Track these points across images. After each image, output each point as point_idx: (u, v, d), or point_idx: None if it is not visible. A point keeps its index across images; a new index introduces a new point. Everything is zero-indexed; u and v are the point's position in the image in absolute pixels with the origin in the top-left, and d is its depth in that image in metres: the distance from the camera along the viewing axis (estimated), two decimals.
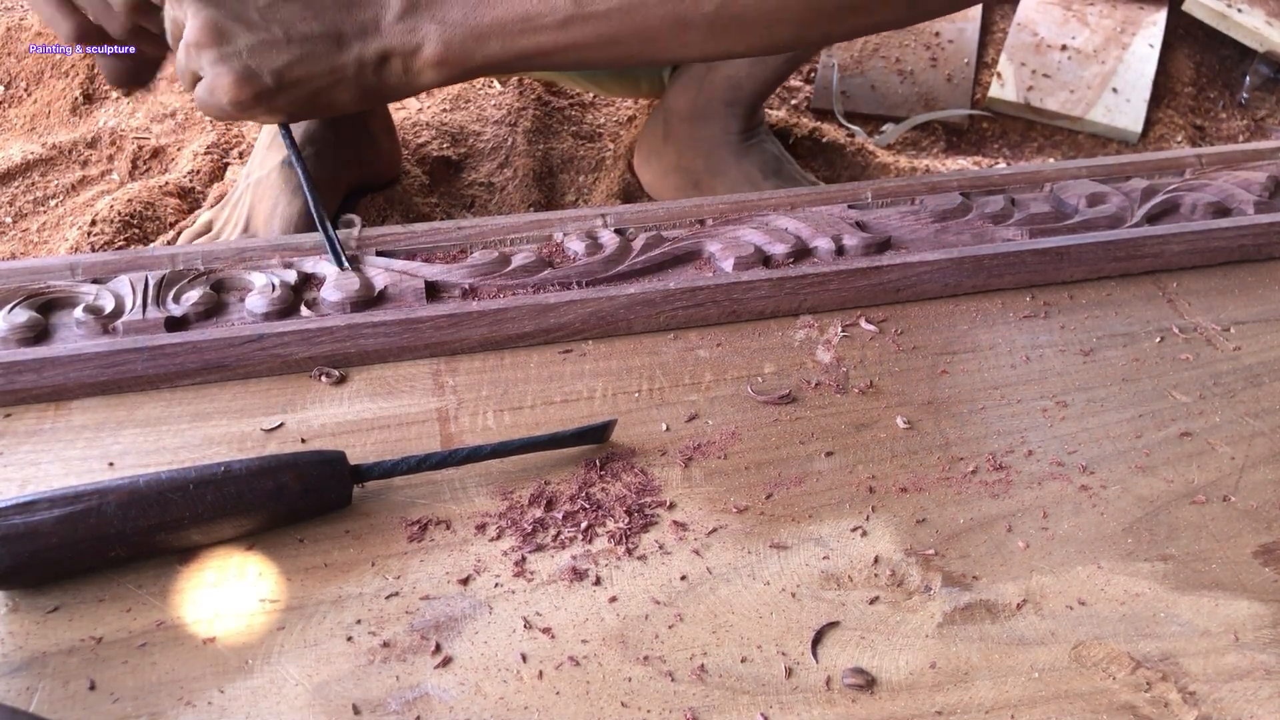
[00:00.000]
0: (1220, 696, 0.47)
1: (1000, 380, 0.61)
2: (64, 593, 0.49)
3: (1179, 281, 0.68)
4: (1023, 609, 0.50)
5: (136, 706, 0.45)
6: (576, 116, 1.25)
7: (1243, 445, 0.58)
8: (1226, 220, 0.68)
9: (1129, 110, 1.29)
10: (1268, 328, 0.65)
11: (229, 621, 0.48)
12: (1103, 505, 0.54)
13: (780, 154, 1.11)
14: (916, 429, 0.58)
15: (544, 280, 0.62)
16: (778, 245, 0.65)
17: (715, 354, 0.62)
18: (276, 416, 0.57)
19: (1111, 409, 0.59)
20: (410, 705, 0.45)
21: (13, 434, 0.56)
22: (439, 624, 0.49)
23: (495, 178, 1.15)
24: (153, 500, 0.48)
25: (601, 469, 0.55)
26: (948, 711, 0.46)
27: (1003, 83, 1.31)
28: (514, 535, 0.52)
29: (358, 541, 0.52)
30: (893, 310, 0.65)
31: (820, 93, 1.32)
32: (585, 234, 0.66)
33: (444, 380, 0.60)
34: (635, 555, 0.52)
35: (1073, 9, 1.42)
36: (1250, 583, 0.51)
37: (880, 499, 0.54)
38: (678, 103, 1.05)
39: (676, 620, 0.49)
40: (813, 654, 0.48)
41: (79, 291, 0.61)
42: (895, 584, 0.51)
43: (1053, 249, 0.66)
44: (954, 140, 1.29)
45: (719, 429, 0.58)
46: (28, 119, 1.21)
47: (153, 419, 0.57)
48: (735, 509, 0.54)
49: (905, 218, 0.68)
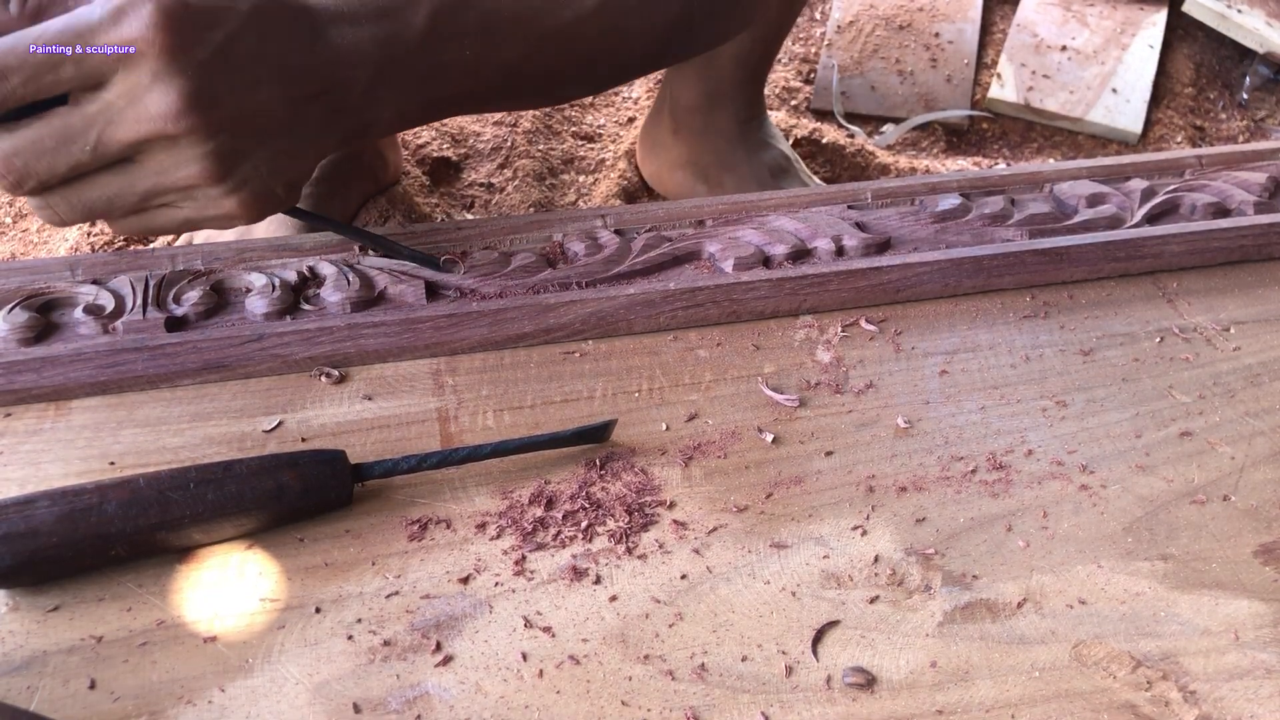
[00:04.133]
0: (1220, 695, 0.47)
1: (1000, 380, 0.61)
2: (64, 592, 0.49)
3: (1179, 281, 0.68)
4: (1023, 608, 0.50)
5: (137, 705, 0.45)
6: (576, 117, 1.25)
7: (1243, 445, 0.58)
8: (1226, 221, 0.68)
9: (1129, 111, 1.29)
10: (1268, 328, 0.65)
11: (229, 620, 0.48)
12: (1103, 505, 0.55)
13: (789, 153, 1.11)
14: (916, 429, 0.58)
15: (544, 280, 0.63)
16: (778, 246, 0.65)
17: (715, 354, 0.62)
18: (276, 416, 0.57)
19: (1111, 409, 0.59)
20: (410, 704, 0.45)
21: (13, 434, 0.56)
22: (439, 623, 0.49)
23: (495, 178, 1.15)
24: (153, 499, 0.48)
25: (601, 468, 0.55)
26: (948, 710, 0.46)
27: (1003, 83, 1.31)
28: (514, 534, 0.52)
29: (358, 541, 0.52)
30: (893, 310, 0.65)
31: (820, 93, 1.32)
32: (585, 234, 0.66)
33: (444, 380, 0.60)
34: (635, 554, 0.52)
35: (1073, 10, 1.42)
36: (1250, 582, 0.51)
37: (880, 498, 0.54)
38: (684, 95, 1.04)
39: (677, 619, 0.49)
40: (813, 653, 0.48)
41: (79, 291, 0.61)
42: (895, 583, 0.51)
43: (1052, 249, 0.66)
44: (954, 141, 1.29)
45: (719, 429, 0.58)
46: None
47: (153, 419, 0.57)
48: (735, 508, 0.54)
49: (905, 218, 0.68)
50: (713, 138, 1.06)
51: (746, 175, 1.06)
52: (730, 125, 1.05)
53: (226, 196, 0.53)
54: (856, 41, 1.38)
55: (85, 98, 0.49)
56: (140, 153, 0.50)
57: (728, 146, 1.06)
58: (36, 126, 0.49)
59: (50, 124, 0.49)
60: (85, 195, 0.51)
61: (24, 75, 0.47)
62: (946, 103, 1.31)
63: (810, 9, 1.46)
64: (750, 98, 1.06)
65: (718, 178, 1.07)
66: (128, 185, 0.51)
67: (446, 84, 0.59)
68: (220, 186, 0.52)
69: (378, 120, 0.58)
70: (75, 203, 0.52)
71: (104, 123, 0.49)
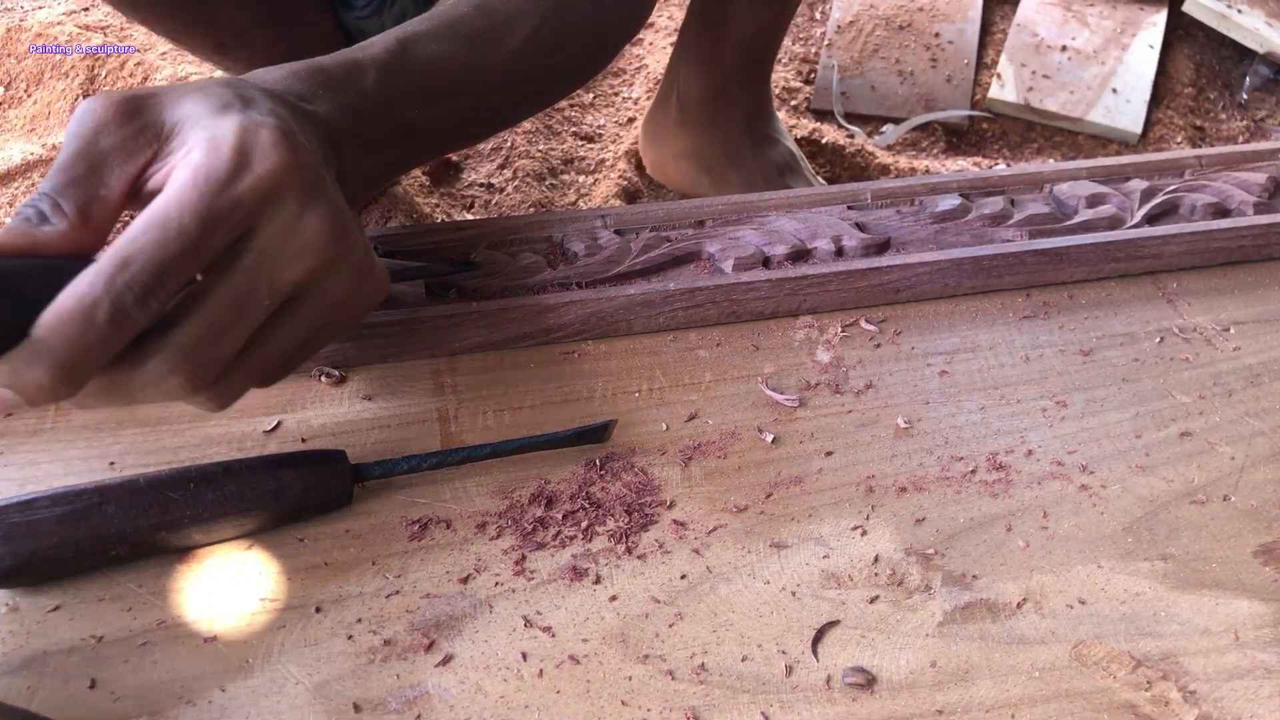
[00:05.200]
0: (1220, 695, 0.47)
1: (1000, 380, 0.61)
2: (64, 592, 0.49)
3: (1179, 282, 0.68)
4: (1023, 608, 0.50)
5: (137, 705, 0.45)
6: (576, 117, 1.26)
7: (1243, 445, 0.58)
8: (1226, 221, 0.68)
9: (1129, 111, 1.29)
10: (1268, 328, 0.65)
11: (229, 620, 0.48)
12: (1103, 505, 0.55)
13: (796, 151, 1.11)
14: (916, 429, 0.58)
15: (544, 280, 0.63)
16: (778, 246, 0.65)
17: (715, 354, 0.62)
18: (276, 416, 0.57)
19: (1111, 409, 0.59)
20: (411, 704, 0.46)
21: (13, 434, 0.56)
22: (439, 623, 0.49)
23: (495, 178, 1.15)
24: (153, 499, 0.48)
25: (601, 468, 0.55)
26: (948, 710, 0.46)
27: (1003, 83, 1.31)
28: (514, 534, 0.52)
29: (358, 540, 0.52)
30: (892, 311, 0.65)
31: (820, 94, 1.32)
32: (585, 234, 0.66)
33: (444, 380, 0.60)
34: (635, 554, 0.52)
35: (1073, 10, 1.42)
36: (1250, 582, 0.51)
37: (880, 498, 0.54)
38: (691, 86, 1.04)
39: (676, 619, 0.49)
40: (813, 653, 0.48)
41: None
42: (895, 583, 0.51)
43: (1052, 250, 0.66)
44: (954, 141, 1.29)
45: (719, 429, 0.58)
46: (28, 120, 1.21)
47: (153, 419, 0.57)
48: (735, 508, 0.54)
49: (905, 219, 0.68)
50: (720, 130, 1.05)
51: (753, 170, 1.06)
52: (738, 118, 1.05)
53: (377, 288, 0.51)
54: (856, 41, 1.38)
55: (235, 256, 0.44)
56: (304, 288, 0.46)
57: (735, 140, 1.06)
58: (202, 311, 0.43)
59: (216, 300, 0.43)
60: (261, 357, 0.47)
61: (194, 259, 0.42)
62: (946, 103, 1.31)
63: (810, 9, 1.46)
64: (758, 90, 1.05)
65: (722, 171, 1.06)
66: (297, 326, 0.47)
67: (410, 139, 0.58)
68: (372, 280, 0.50)
69: (360, 189, 0.56)
70: (252, 370, 0.47)
71: (268, 270, 0.44)
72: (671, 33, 1.37)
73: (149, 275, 0.40)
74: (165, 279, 0.41)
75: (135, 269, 0.40)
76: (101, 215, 0.43)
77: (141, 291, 0.40)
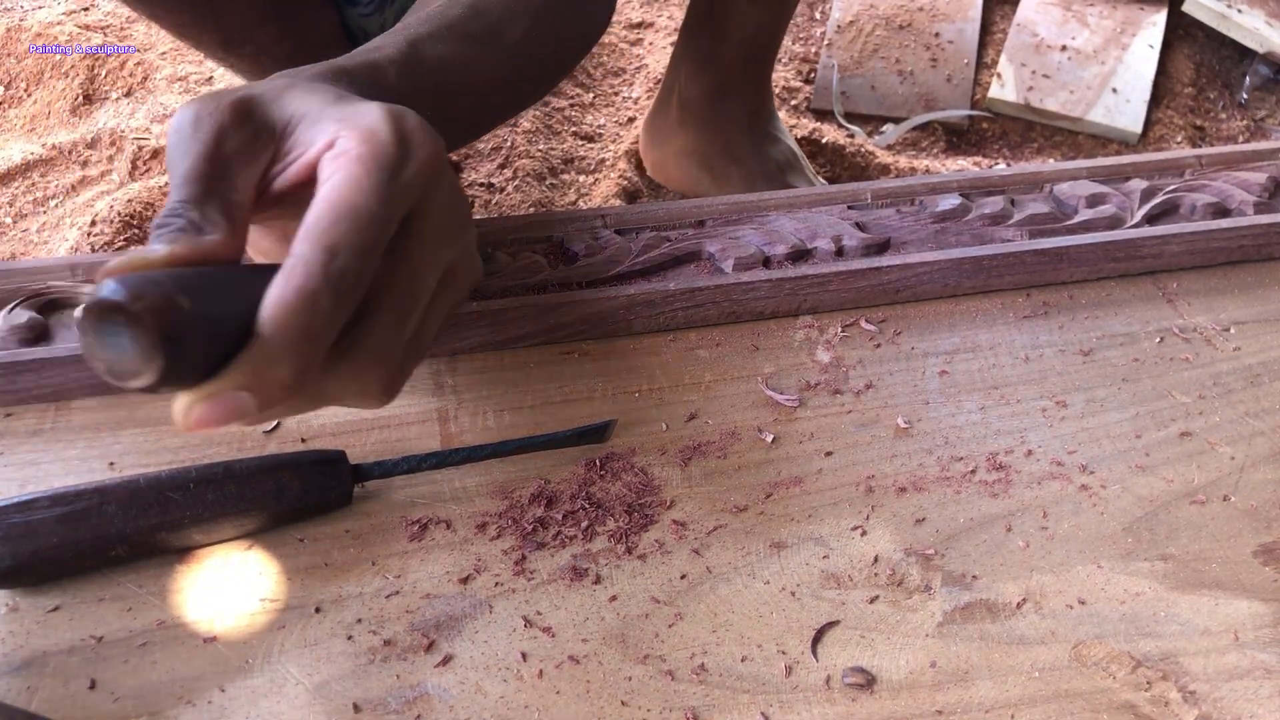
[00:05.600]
0: (1220, 695, 0.47)
1: (1000, 380, 0.61)
2: (64, 592, 0.49)
3: (1179, 282, 0.68)
4: (1023, 608, 0.50)
5: (137, 706, 0.45)
6: (576, 117, 1.26)
7: (1243, 445, 0.58)
8: (1226, 221, 0.68)
9: (1129, 111, 1.29)
10: (1268, 328, 0.65)
11: (229, 621, 0.48)
12: (1103, 505, 0.55)
13: (797, 150, 1.11)
14: (916, 429, 0.58)
15: (544, 280, 0.63)
16: (778, 246, 0.65)
17: (715, 354, 0.62)
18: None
19: (1111, 409, 0.59)
20: (410, 704, 0.46)
21: (13, 434, 0.56)
22: (439, 623, 0.49)
23: (495, 178, 1.15)
24: (153, 500, 0.48)
25: (601, 468, 0.55)
26: (948, 711, 0.46)
27: (1003, 83, 1.31)
28: (514, 534, 0.52)
29: (358, 541, 0.52)
30: (892, 310, 0.65)
31: (820, 93, 1.32)
32: (585, 234, 0.66)
33: (444, 380, 0.60)
34: (635, 554, 0.52)
35: (1073, 9, 1.42)
36: (1250, 582, 0.51)
37: (880, 499, 0.54)
38: (692, 84, 1.04)
39: (676, 619, 0.49)
40: (812, 653, 0.48)
41: (79, 292, 0.61)
42: (895, 583, 0.51)
43: (1052, 249, 0.66)
44: (954, 141, 1.29)
45: (718, 429, 0.58)
46: (28, 119, 1.21)
47: (153, 419, 0.57)
48: (735, 508, 0.54)
49: (905, 218, 0.68)
50: (721, 128, 1.05)
51: (754, 169, 1.06)
52: (740, 115, 1.05)
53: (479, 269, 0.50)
54: (856, 41, 1.38)
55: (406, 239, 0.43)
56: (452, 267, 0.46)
57: (736, 138, 1.06)
58: (389, 299, 0.42)
59: (399, 287, 0.43)
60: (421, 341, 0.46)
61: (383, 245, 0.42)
62: (946, 103, 1.31)
63: (810, 9, 1.46)
64: (758, 88, 1.05)
65: (723, 169, 1.06)
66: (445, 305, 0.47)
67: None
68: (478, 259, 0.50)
69: None
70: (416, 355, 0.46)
71: (433, 251, 0.44)
72: (671, 33, 1.37)
73: (357, 261, 0.40)
74: (366, 266, 0.41)
75: (344, 257, 0.40)
76: (242, 220, 0.43)
77: (355, 278, 0.40)
